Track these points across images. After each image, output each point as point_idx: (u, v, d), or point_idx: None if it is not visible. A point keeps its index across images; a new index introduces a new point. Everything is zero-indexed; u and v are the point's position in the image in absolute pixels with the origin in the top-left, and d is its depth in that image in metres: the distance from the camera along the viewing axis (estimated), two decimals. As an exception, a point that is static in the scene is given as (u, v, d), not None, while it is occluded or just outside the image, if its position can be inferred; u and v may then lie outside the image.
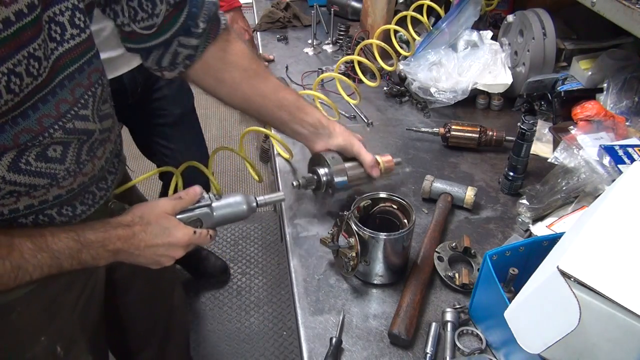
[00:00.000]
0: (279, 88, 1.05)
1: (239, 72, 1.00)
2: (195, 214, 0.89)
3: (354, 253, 0.93)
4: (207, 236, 0.89)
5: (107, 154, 0.92)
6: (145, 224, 0.83)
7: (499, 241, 1.07)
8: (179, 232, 0.85)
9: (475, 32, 1.53)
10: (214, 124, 3.46)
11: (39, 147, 0.75)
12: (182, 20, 0.91)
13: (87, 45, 0.78)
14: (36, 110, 0.71)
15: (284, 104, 1.04)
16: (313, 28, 1.83)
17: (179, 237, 0.85)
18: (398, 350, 0.87)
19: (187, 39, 0.93)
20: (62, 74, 0.74)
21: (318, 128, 1.07)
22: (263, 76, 1.03)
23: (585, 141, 1.14)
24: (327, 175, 1.08)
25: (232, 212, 0.92)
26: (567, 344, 0.63)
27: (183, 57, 0.95)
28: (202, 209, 0.90)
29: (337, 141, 1.09)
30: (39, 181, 0.77)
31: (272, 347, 2.11)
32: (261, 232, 2.64)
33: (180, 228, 0.86)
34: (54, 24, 0.71)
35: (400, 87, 1.56)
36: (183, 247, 0.87)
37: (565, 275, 0.62)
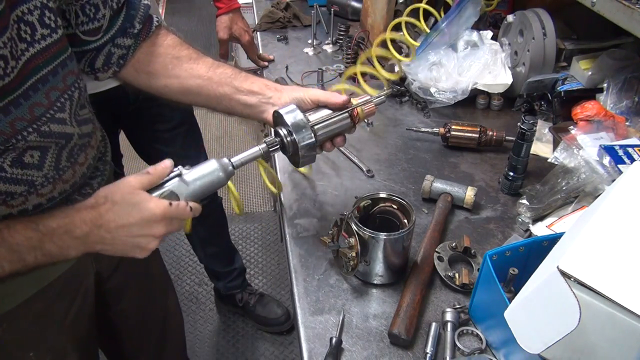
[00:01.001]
0: (215, 65, 0.98)
1: (170, 61, 0.97)
2: (167, 188, 0.80)
3: (354, 253, 0.93)
4: (186, 208, 0.79)
5: (89, 160, 0.90)
6: (112, 203, 0.75)
7: (499, 241, 1.07)
8: (151, 204, 0.75)
9: (475, 32, 1.53)
10: (213, 124, 3.46)
11: (14, 152, 0.73)
12: (120, 22, 0.91)
13: (60, 46, 0.77)
14: (8, 114, 0.69)
15: (223, 79, 0.97)
16: (313, 28, 1.83)
17: (152, 209, 0.75)
18: (398, 350, 0.87)
19: (123, 40, 0.93)
20: (35, 77, 0.73)
21: (266, 93, 0.97)
22: (195, 58, 0.98)
23: (585, 141, 1.14)
24: (289, 135, 0.91)
25: (209, 180, 0.83)
26: (567, 344, 0.63)
27: (117, 57, 0.94)
28: (173, 181, 0.81)
29: (291, 95, 0.96)
30: (15, 188, 0.75)
31: (272, 347, 2.12)
32: (261, 232, 2.64)
33: (152, 200, 0.76)
34: (23, 23, 0.70)
35: (400, 87, 1.56)
36: (160, 223, 0.77)
37: (565, 275, 0.62)
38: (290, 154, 0.95)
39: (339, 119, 0.96)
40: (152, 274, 1.29)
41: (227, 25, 1.70)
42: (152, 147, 1.65)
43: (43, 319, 0.93)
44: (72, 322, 1.00)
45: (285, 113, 0.91)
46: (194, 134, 1.74)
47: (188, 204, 0.80)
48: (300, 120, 0.90)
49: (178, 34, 1.02)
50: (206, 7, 4.69)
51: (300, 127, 0.90)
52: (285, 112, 0.91)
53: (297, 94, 0.97)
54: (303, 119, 0.91)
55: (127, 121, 1.62)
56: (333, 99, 0.94)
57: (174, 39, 1.00)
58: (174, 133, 1.64)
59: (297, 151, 0.91)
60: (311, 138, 0.91)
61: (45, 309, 0.93)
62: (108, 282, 1.10)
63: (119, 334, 1.25)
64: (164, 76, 0.97)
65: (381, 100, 1.02)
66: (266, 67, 1.76)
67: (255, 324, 2.18)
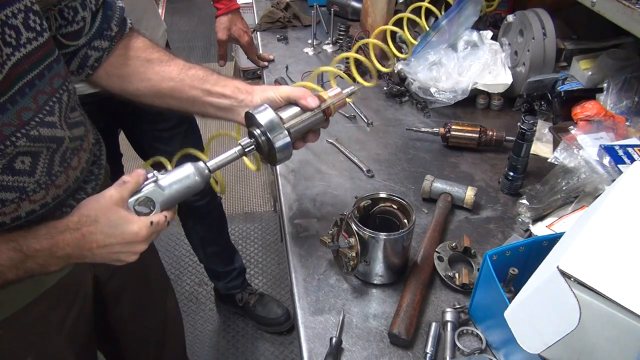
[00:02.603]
0: (187, 67, 0.97)
1: (141, 63, 0.96)
2: (143, 194, 0.80)
3: (354, 253, 0.93)
4: (165, 222, 0.80)
5: (82, 163, 0.89)
6: (94, 223, 0.75)
7: (499, 241, 1.07)
8: (134, 227, 0.76)
9: (475, 32, 1.53)
10: (213, 124, 3.46)
11: (4, 158, 0.72)
12: (98, 24, 0.90)
13: (46, 49, 0.76)
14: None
15: (195, 82, 0.96)
16: (313, 28, 1.83)
17: (135, 231, 0.76)
18: (398, 350, 0.87)
19: (100, 42, 0.92)
20: (22, 81, 0.72)
21: (238, 95, 0.96)
22: (167, 61, 0.97)
23: (585, 141, 1.14)
24: (263, 135, 0.90)
25: (185, 185, 0.83)
26: (567, 344, 0.63)
27: (93, 60, 0.93)
28: (148, 187, 0.81)
29: (262, 96, 0.95)
30: (6, 195, 0.74)
31: (272, 347, 2.12)
32: (261, 232, 2.64)
33: (133, 221, 0.76)
34: (7, 27, 0.69)
35: (400, 87, 1.56)
36: (143, 242, 0.79)
37: (565, 275, 0.62)
38: (266, 154, 0.94)
39: (311, 115, 0.95)
40: (150, 278, 1.29)
41: (226, 26, 1.70)
42: (151, 146, 1.65)
43: (41, 325, 0.93)
44: (70, 327, 0.99)
45: (257, 113, 0.90)
46: (194, 133, 1.74)
47: (166, 218, 0.81)
48: (273, 118, 0.89)
49: (147, 36, 1.01)
50: (206, 7, 4.69)
51: (274, 126, 0.89)
52: (257, 112, 0.90)
53: (268, 93, 0.96)
54: (275, 118, 0.90)
55: (126, 121, 1.62)
56: (303, 101, 0.93)
57: (145, 41, 0.99)
58: (173, 132, 1.64)
59: (272, 150, 0.90)
60: (286, 136, 0.90)
61: (44, 315, 0.92)
62: (106, 286, 1.10)
63: (118, 337, 1.25)
64: (136, 79, 0.96)
65: (352, 91, 1.01)
66: (266, 67, 1.76)
67: (255, 324, 2.18)
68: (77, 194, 0.89)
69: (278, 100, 0.95)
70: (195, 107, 0.99)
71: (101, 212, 0.76)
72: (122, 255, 0.79)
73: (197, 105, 0.98)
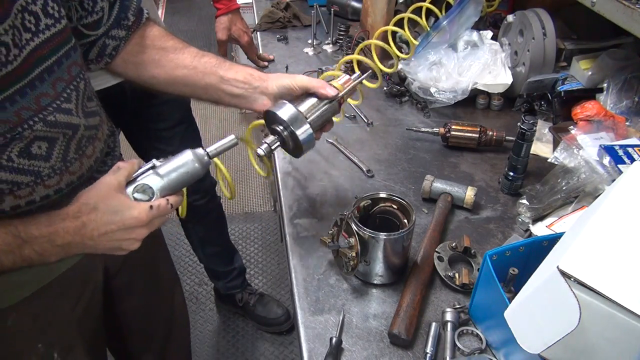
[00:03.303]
0: (199, 54, 1.00)
1: (157, 52, 0.98)
2: (141, 182, 0.79)
3: (354, 253, 0.93)
4: (167, 206, 0.79)
5: (97, 152, 0.91)
6: (94, 210, 0.75)
7: (499, 241, 1.07)
8: (134, 211, 0.76)
9: (476, 32, 1.53)
10: (213, 124, 3.46)
11: (21, 142, 0.73)
12: (116, 13, 0.92)
13: (64, 36, 0.78)
14: (14, 103, 0.70)
15: (208, 69, 0.98)
16: (313, 28, 1.83)
17: (136, 216, 0.76)
18: (398, 350, 0.87)
19: (117, 31, 0.94)
20: (41, 67, 0.74)
21: (252, 83, 0.98)
22: (180, 48, 1.00)
23: (585, 141, 1.14)
24: (286, 129, 0.94)
25: (184, 171, 0.82)
26: (567, 344, 0.63)
27: (110, 49, 0.95)
28: (146, 174, 0.80)
29: (276, 84, 0.97)
30: (21, 178, 0.76)
31: (272, 347, 2.12)
32: (261, 232, 2.64)
33: (133, 206, 0.76)
34: (27, 13, 0.71)
35: (400, 87, 1.56)
36: (144, 227, 0.77)
37: (565, 275, 0.62)
38: (291, 148, 0.97)
39: (328, 106, 0.98)
40: (159, 272, 1.30)
41: (226, 26, 1.70)
42: (151, 146, 1.65)
43: (51, 312, 0.93)
44: (80, 316, 1.00)
45: (278, 110, 0.93)
46: (193, 132, 1.74)
47: (168, 202, 0.80)
48: (294, 113, 0.92)
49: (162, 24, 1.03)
50: (206, 7, 4.69)
51: (296, 120, 0.92)
52: (277, 109, 0.93)
53: (283, 81, 0.97)
54: (297, 112, 0.92)
55: (125, 120, 1.62)
56: (323, 91, 0.95)
57: (160, 29, 1.01)
58: (172, 132, 1.64)
59: (297, 143, 0.94)
60: (309, 129, 0.93)
61: (54, 302, 0.93)
62: (116, 278, 1.11)
63: (124, 331, 1.26)
64: (152, 67, 0.98)
65: (360, 78, 1.04)
66: (266, 67, 1.76)
67: (255, 324, 2.18)
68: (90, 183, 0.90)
69: (295, 88, 0.96)
70: (209, 94, 1.00)
71: (100, 199, 0.75)
72: (124, 243, 0.78)
73: (211, 92, 0.99)
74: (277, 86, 0.97)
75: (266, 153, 0.93)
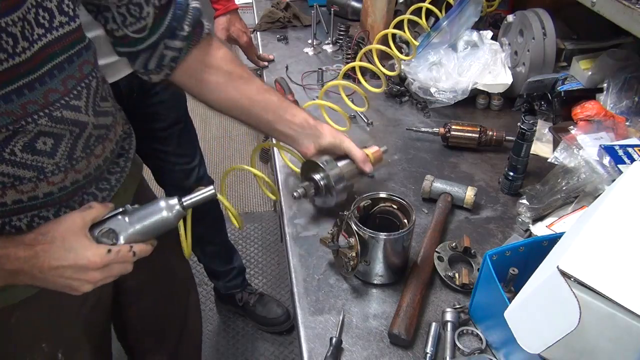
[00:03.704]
0: (264, 90, 1.04)
1: (222, 75, 1.01)
2: (106, 226, 0.79)
3: (354, 253, 0.93)
4: (128, 253, 0.78)
5: (106, 153, 0.91)
6: (50, 243, 0.74)
7: (499, 241, 1.07)
8: (88, 252, 0.75)
9: (475, 32, 1.53)
10: (214, 124, 3.46)
11: (26, 136, 0.74)
12: (168, 22, 0.92)
13: (77, 35, 0.78)
14: (21, 96, 0.70)
15: (269, 106, 1.04)
16: (313, 28, 1.83)
17: (89, 257, 0.74)
18: (398, 350, 0.87)
19: (173, 42, 0.94)
20: (51, 63, 0.74)
21: (305, 128, 1.06)
22: (247, 78, 1.03)
23: (585, 141, 1.14)
24: (323, 179, 1.06)
25: (153, 220, 0.81)
26: (567, 344, 0.63)
27: (169, 59, 0.96)
28: (114, 218, 0.80)
29: (327, 140, 1.07)
30: (23, 173, 0.76)
31: (272, 347, 2.12)
32: (261, 232, 2.64)
33: (89, 248, 0.75)
34: (42, 9, 0.71)
35: (400, 87, 1.56)
36: (97, 270, 0.76)
37: (565, 275, 0.62)
38: (322, 197, 1.09)
39: (360, 175, 1.12)
40: (175, 274, 1.30)
41: (224, 27, 1.70)
42: (147, 145, 1.65)
43: (57, 311, 0.93)
44: (87, 315, 1.00)
45: (325, 166, 1.05)
46: (189, 132, 1.75)
47: (131, 248, 0.79)
48: (339, 172, 1.06)
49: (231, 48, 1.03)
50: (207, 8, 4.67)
51: (338, 179, 1.06)
52: (325, 165, 1.05)
53: (335, 142, 1.07)
54: (340, 172, 1.06)
55: None
56: (362, 165, 1.08)
57: (227, 52, 1.02)
58: (169, 132, 1.64)
59: (331, 196, 1.08)
60: (347, 188, 1.08)
61: (59, 301, 0.91)
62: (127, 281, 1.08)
63: (137, 331, 1.26)
64: (215, 89, 1.01)
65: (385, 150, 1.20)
66: (266, 67, 1.76)
67: (255, 323, 2.18)
68: (100, 184, 0.91)
69: (340, 151, 1.08)
70: (261, 127, 1.09)
71: (59, 234, 0.75)
72: (74, 282, 0.76)
73: (264, 125, 1.07)
74: (328, 142, 1.06)
75: (301, 196, 1.04)
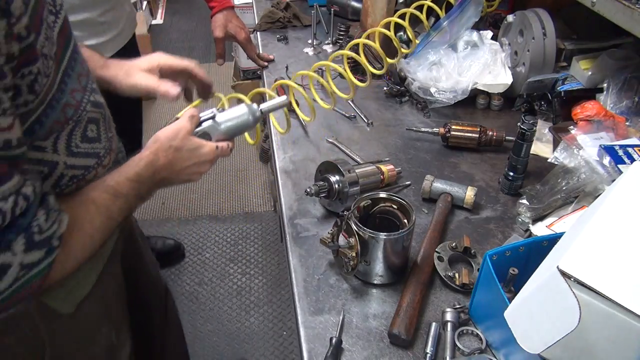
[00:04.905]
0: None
1: None
2: (202, 128, 0.94)
3: (354, 253, 0.93)
4: (227, 149, 0.95)
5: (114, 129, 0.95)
6: (178, 150, 0.89)
7: (499, 241, 1.07)
8: (205, 150, 0.91)
9: (475, 32, 1.53)
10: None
11: (80, 127, 0.78)
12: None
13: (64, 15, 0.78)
14: (66, 85, 0.73)
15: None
16: (313, 28, 1.83)
17: (206, 154, 0.91)
18: (398, 350, 0.87)
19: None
20: (70, 47, 0.76)
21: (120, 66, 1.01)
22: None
23: (585, 141, 1.14)
24: (339, 183, 1.09)
25: (238, 123, 0.96)
26: (567, 344, 0.63)
27: None
28: (207, 122, 0.95)
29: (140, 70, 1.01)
30: (89, 162, 0.81)
31: (272, 347, 2.11)
32: (261, 232, 2.64)
33: (204, 146, 0.91)
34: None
35: (400, 87, 1.56)
36: (210, 162, 0.93)
37: (565, 275, 0.62)
38: (334, 197, 1.10)
39: (375, 177, 1.17)
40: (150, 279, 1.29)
41: (222, 24, 1.70)
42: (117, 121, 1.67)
43: (108, 294, 0.98)
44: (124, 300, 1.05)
45: (345, 171, 1.08)
46: None
47: (228, 145, 0.96)
48: (354, 177, 1.10)
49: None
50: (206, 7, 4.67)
51: (353, 182, 1.09)
52: (341, 165, 1.09)
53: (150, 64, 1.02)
54: (355, 177, 1.10)
55: None
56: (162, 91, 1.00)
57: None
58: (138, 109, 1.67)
59: (343, 199, 1.09)
60: (358, 191, 1.10)
61: (109, 284, 0.98)
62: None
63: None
64: None
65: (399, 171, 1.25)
66: (266, 67, 1.76)
67: None
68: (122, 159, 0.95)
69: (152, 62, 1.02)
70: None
71: (179, 141, 0.89)
72: (193, 176, 0.92)
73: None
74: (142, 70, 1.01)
75: (315, 193, 1.07)
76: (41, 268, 0.66)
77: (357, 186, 1.10)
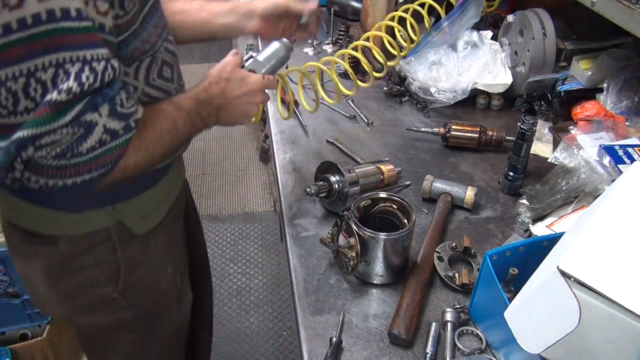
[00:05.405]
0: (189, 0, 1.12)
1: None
2: (246, 66, 1.02)
3: (354, 253, 0.93)
4: (274, 79, 1.02)
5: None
6: (227, 80, 0.95)
7: (499, 241, 1.07)
8: (252, 79, 0.97)
9: (476, 32, 1.53)
10: (214, 124, 3.46)
11: (157, 65, 0.87)
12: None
13: None
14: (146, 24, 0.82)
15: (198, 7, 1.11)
16: (313, 28, 1.83)
17: (255, 81, 0.97)
18: (398, 350, 0.87)
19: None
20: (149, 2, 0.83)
21: (240, 8, 1.11)
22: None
23: (585, 141, 1.14)
24: (339, 183, 1.09)
25: (277, 59, 1.06)
26: (567, 344, 0.63)
27: None
28: (249, 61, 1.03)
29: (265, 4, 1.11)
30: (161, 95, 0.90)
31: (272, 347, 2.12)
32: (261, 232, 2.64)
33: (250, 76, 0.98)
34: None
35: (400, 87, 1.56)
36: (260, 91, 0.98)
37: (565, 275, 0.62)
38: (333, 198, 1.11)
39: (375, 177, 1.17)
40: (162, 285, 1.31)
41: None
42: None
43: (174, 235, 1.06)
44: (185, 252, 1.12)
45: (345, 172, 1.09)
46: None
47: (275, 76, 1.03)
48: (354, 177, 1.10)
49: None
50: (206, 7, 4.67)
51: (353, 182, 1.10)
52: (341, 165, 1.10)
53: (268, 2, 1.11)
54: (355, 177, 1.11)
55: None
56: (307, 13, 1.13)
57: None
58: None
59: (343, 199, 1.10)
60: (358, 191, 1.10)
61: (174, 226, 1.06)
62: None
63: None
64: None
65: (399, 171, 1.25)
66: None
67: None
68: None
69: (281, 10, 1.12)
70: (205, 32, 1.13)
71: (229, 72, 0.96)
72: (249, 106, 0.98)
73: (206, 28, 1.12)
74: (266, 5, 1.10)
75: (315, 193, 1.08)
76: (120, 142, 0.74)
77: (357, 186, 1.09)
